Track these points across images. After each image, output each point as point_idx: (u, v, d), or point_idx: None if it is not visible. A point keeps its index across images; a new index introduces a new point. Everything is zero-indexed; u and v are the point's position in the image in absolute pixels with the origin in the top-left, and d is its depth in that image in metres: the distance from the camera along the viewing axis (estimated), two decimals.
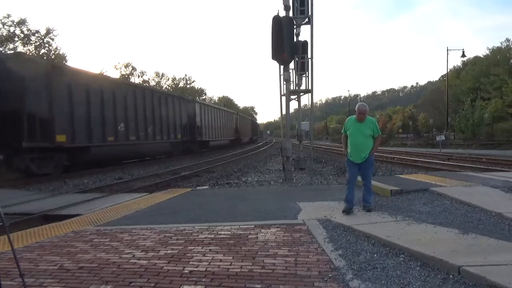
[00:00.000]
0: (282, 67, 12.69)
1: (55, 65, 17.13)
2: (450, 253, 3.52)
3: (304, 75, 13.87)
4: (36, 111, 13.00)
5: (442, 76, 64.48)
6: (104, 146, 16.52)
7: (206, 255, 3.94)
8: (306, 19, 13.51)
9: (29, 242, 4.71)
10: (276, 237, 4.52)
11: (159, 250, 4.15)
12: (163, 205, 7.12)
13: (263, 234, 4.69)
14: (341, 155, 25.43)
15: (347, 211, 5.59)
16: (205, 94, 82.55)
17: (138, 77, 63.33)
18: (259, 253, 3.96)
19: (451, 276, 3.16)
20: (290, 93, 13.36)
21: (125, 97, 18.28)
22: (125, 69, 61.73)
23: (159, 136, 21.63)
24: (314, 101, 18.58)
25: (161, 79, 69.62)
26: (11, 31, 36.49)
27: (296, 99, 14.95)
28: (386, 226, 4.76)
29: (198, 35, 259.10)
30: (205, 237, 4.62)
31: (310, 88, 13.95)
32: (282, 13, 11.95)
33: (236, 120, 45.47)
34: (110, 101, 17.13)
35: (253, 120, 78.84)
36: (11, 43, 36.19)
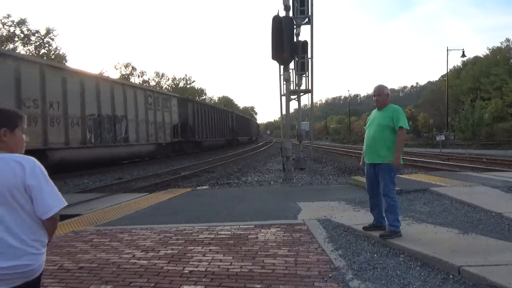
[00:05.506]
0: (282, 67, 12.68)
1: None
2: (450, 253, 3.52)
3: (304, 75, 13.90)
4: None
5: (442, 76, 64.46)
6: None
7: (206, 255, 3.94)
8: (306, 19, 13.53)
9: None
10: (276, 237, 4.51)
11: (159, 250, 4.15)
12: (163, 205, 7.12)
13: (263, 234, 4.69)
14: (341, 155, 25.38)
15: (368, 228, 4.52)
16: (205, 94, 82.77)
17: (138, 77, 63.58)
18: (259, 253, 3.96)
19: (451, 276, 3.16)
20: (290, 93, 13.35)
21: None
22: (125, 69, 61.96)
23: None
24: (314, 101, 18.60)
25: (161, 79, 69.84)
26: (11, 31, 36.60)
27: (296, 99, 14.95)
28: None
29: (198, 35, 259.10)
30: (205, 237, 4.62)
31: (310, 88, 13.96)
32: (282, 13, 11.94)
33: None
34: None
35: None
36: (11, 43, 36.25)
